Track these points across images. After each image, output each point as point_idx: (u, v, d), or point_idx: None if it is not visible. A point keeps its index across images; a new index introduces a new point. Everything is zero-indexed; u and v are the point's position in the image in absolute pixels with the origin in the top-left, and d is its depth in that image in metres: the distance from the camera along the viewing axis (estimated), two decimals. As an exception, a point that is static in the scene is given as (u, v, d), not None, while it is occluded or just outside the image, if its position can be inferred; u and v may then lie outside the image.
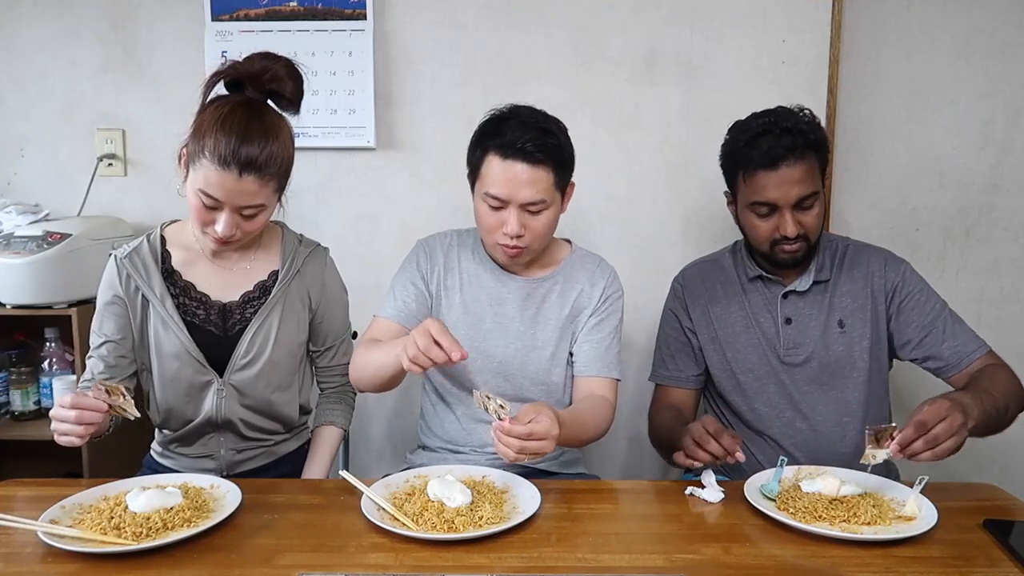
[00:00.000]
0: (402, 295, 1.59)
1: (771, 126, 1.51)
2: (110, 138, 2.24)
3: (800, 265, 1.60)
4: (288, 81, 1.41)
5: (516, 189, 1.45)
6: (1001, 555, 1.12)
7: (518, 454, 1.22)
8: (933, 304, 1.58)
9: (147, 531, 1.14)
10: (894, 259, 1.64)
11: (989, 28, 2.15)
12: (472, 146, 1.53)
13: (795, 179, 1.50)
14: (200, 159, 1.34)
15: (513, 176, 1.45)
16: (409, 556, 1.11)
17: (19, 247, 1.96)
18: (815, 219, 1.54)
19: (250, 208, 1.38)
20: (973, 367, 1.52)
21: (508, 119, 1.48)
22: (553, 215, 1.51)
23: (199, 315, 1.49)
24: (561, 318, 1.59)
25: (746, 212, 1.58)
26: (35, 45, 2.22)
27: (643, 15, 2.12)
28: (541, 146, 1.44)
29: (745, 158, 1.54)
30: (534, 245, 1.52)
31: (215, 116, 1.34)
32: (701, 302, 1.69)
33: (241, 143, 1.32)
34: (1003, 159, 2.20)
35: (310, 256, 1.58)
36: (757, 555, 1.12)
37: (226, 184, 1.33)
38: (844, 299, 1.61)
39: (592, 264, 1.64)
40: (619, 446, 2.28)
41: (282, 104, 1.44)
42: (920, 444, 1.19)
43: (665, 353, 1.74)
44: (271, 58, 1.41)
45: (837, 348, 1.59)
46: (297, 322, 1.55)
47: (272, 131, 1.36)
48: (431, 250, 1.64)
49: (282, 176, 1.41)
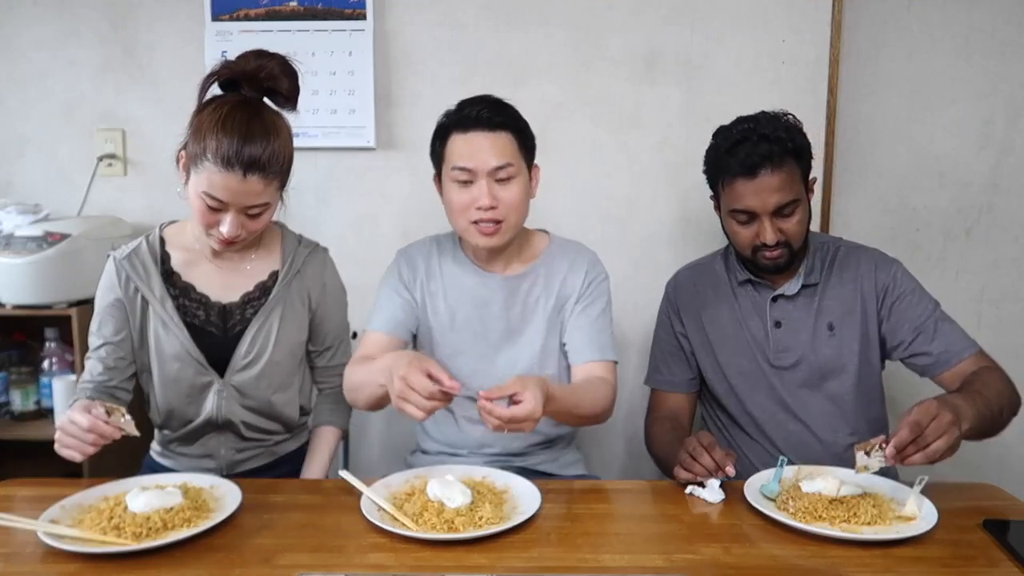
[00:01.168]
0: (388, 306, 1.60)
1: (750, 133, 1.50)
2: (110, 138, 2.24)
3: (784, 271, 1.59)
4: (284, 78, 1.41)
5: (481, 157, 1.48)
6: (1001, 555, 1.12)
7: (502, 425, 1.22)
8: (925, 304, 1.57)
9: (147, 531, 1.14)
10: (884, 260, 1.62)
11: (989, 28, 2.15)
12: (432, 142, 1.57)
13: (773, 187, 1.49)
14: (202, 161, 1.33)
15: (477, 145, 1.48)
16: (409, 556, 1.11)
17: (19, 247, 1.96)
18: (797, 226, 1.53)
19: (255, 208, 1.38)
20: (962, 366, 1.51)
21: (462, 105, 1.53)
22: (522, 186, 1.52)
23: (199, 316, 1.49)
24: (547, 309, 1.59)
25: (728, 218, 1.58)
26: (35, 45, 2.22)
27: (643, 15, 2.12)
28: (498, 111, 1.50)
29: (724, 165, 1.54)
30: (510, 218, 1.51)
31: (215, 117, 1.33)
32: (693, 307, 1.69)
33: (244, 143, 1.31)
34: (1003, 159, 2.20)
35: (310, 256, 1.58)
36: (757, 555, 1.12)
37: (231, 185, 1.33)
38: (833, 302, 1.60)
39: (572, 251, 1.64)
40: (618, 446, 2.28)
41: (279, 102, 1.43)
42: (911, 447, 1.17)
43: (659, 358, 1.75)
44: (266, 56, 1.41)
45: (826, 351, 1.59)
46: (297, 322, 1.55)
47: (273, 129, 1.36)
48: (411, 259, 1.65)
49: (284, 173, 1.41)
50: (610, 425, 1.93)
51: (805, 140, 1.55)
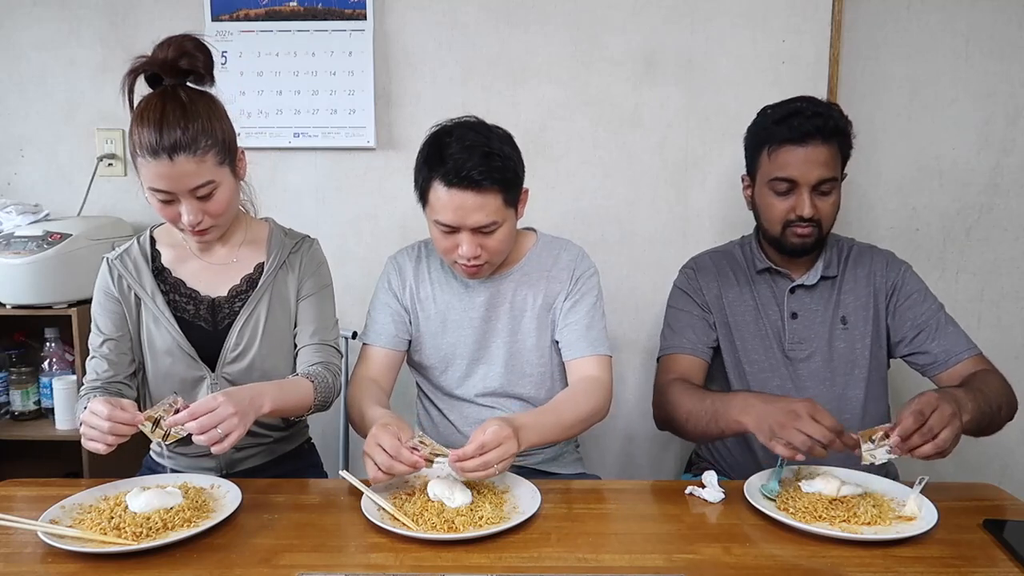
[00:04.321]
0: (380, 319, 1.62)
1: (803, 108, 1.53)
2: (110, 138, 2.24)
3: (809, 253, 1.60)
4: (197, 54, 1.41)
5: (464, 216, 1.43)
6: (1001, 555, 1.12)
7: (488, 470, 1.21)
8: (929, 304, 1.60)
9: (147, 531, 1.14)
10: (895, 260, 1.66)
11: (989, 28, 2.15)
12: (416, 168, 1.51)
13: (819, 160, 1.51)
14: (137, 159, 1.36)
15: (460, 204, 1.42)
16: (409, 556, 1.11)
17: (19, 247, 1.96)
18: (831, 207, 1.55)
19: (201, 188, 1.38)
20: (961, 368, 1.53)
21: (449, 142, 1.43)
22: (507, 231, 1.50)
23: (189, 310, 1.50)
24: (536, 308, 1.59)
25: (764, 190, 1.58)
26: (35, 45, 2.22)
27: (643, 15, 2.12)
28: (485, 172, 1.41)
29: (772, 134, 1.54)
30: (494, 260, 1.52)
31: (136, 114, 1.37)
32: (714, 286, 1.67)
33: (161, 128, 1.33)
34: (1003, 159, 2.20)
35: (296, 247, 1.58)
36: (757, 555, 1.12)
37: (163, 172, 1.35)
38: (848, 296, 1.62)
39: (557, 248, 1.63)
40: (618, 445, 2.28)
41: (200, 80, 1.44)
42: (917, 438, 1.20)
43: (676, 326, 1.67)
44: (173, 39, 1.41)
45: (840, 345, 1.60)
46: (285, 313, 1.55)
47: (191, 108, 1.37)
48: (400, 267, 1.65)
49: (220, 148, 1.40)
50: (610, 425, 1.94)
51: (851, 129, 1.57)
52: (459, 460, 1.22)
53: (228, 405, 1.24)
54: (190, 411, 1.23)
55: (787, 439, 1.24)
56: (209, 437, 1.22)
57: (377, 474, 1.23)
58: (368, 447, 1.26)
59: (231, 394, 1.27)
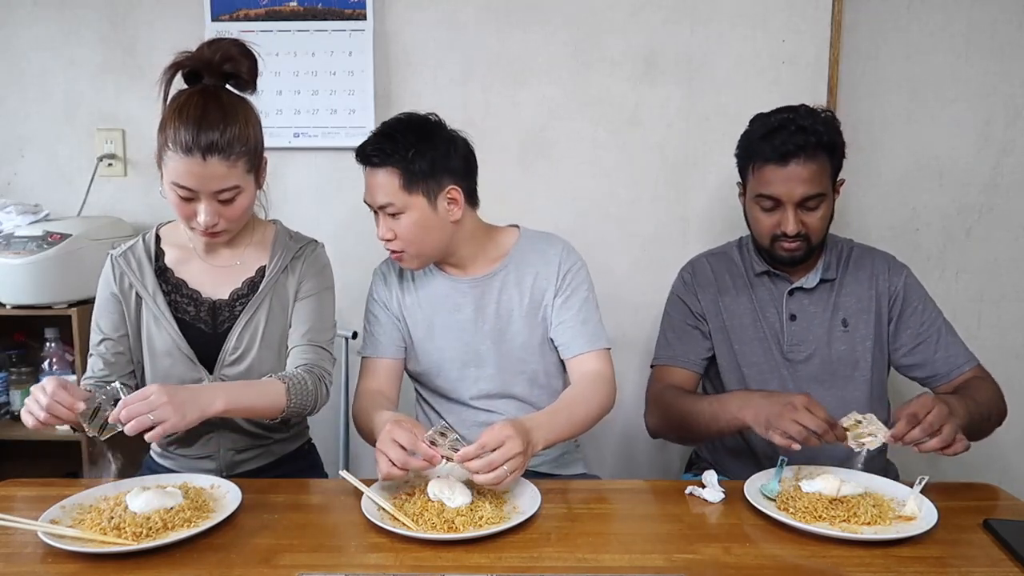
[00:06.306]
0: (375, 331, 1.63)
1: (787, 122, 1.51)
2: (110, 138, 2.24)
3: (799, 264, 1.60)
4: (243, 60, 1.42)
5: (368, 193, 1.51)
6: (1001, 555, 1.12)
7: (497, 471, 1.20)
8: (930, 313, 1.60)
9: (147, 531, 1.14)
10: (897, 264, 1.65)
11: (989, 28, 2.15)
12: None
13: (802, 178, 1.50)
14: (167, 152, 1.35)
15: (367, 182, 1.51)
16: (409, 556, 1.11)
17: (19, 247, 1.96)
18: (819, 221, 1.54)
19: (225, 192, 1.38)
20: (960, 379, 1.55)
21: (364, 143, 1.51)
22: (415, 217, 1.48)
23: (189, 312, 1.50)
24: (523, 306, 1.58)
25: (752, 204, 1.59)
26: (35, 45, 2.22)
27: (643, 15, 2.12)
28: (377, 150, 1.47)
29: (757, 150, 1.54)
30: (409, 248, 1.52)
31: (173, 108, 1.36)
32: (711, 291, 1.68)
33: (200, 128, 1.33)
34: (1003, 159, 2.20)
35: (300, 251, 1.57)
36: (757, 555, 1.12)
37: (193, 170, 1.34)
38: (849, 299, 1.62)
39: (542, 244, 1.62)
40: (618, 445, 2.28)
41: (241, 85, 1.44)
42: (918, 432, 1.23)
43: (671, 336, 1.70)
44: (222, 41, 1.41)
45: (840, 347, 1.60)
46: (285, 317, 1.55)
47: (231, 112, 1.37)
48: (385, 275, 1.66)
49: (251, 155, 1.41)
50: (610, 425, 1.94)
51: (840, 138, 1.56)
52: (463, 460, 1.22)
53: (161, 394, 1.22)
54: (123, 401, 1.21)
55: (783, 429, 1.28)
56: (138, 424, 1.19)
57: (391, 470, 1.22)
58: (382, 443, 1.25)
59: (168, 386, 1.26)
